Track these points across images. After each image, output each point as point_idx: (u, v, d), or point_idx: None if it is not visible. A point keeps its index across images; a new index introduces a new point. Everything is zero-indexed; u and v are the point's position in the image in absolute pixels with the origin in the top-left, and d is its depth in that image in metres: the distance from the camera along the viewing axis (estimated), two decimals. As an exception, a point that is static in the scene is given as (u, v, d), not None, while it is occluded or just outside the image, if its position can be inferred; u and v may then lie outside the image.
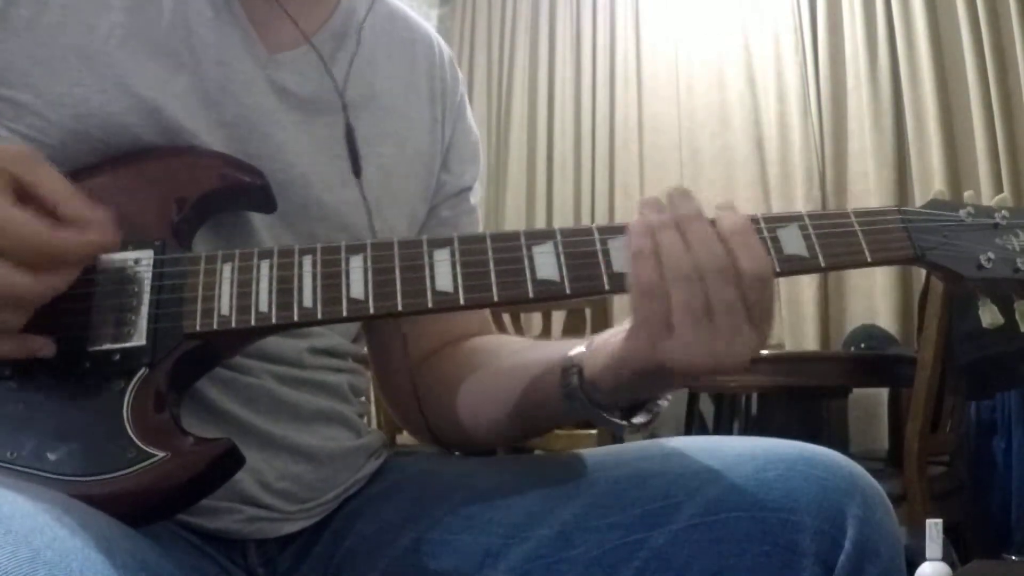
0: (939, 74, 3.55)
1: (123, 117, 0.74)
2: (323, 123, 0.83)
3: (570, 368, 0.73)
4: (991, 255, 0.71)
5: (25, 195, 0.63)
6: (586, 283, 0.68)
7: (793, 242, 0.70)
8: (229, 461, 0.65)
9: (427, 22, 1.00)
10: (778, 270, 0.69)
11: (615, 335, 0.69)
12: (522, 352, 0.84)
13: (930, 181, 3.52)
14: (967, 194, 0.77)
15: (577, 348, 0.74)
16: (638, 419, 0.73)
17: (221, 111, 0.78)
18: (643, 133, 4.34)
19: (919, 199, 3.48)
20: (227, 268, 0.68)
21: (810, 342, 3.69)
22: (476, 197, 0.98)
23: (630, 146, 4.36)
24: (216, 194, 0.75)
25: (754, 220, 0.70)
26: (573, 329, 2.79)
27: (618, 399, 0.72)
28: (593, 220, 4.38)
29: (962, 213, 0.73)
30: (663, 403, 0.73)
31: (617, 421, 0.72)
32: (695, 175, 4.15)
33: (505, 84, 4.75)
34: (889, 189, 3.63)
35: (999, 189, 3.27)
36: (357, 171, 0.83)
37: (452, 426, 0.87)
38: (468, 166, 0.97)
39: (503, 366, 0.84)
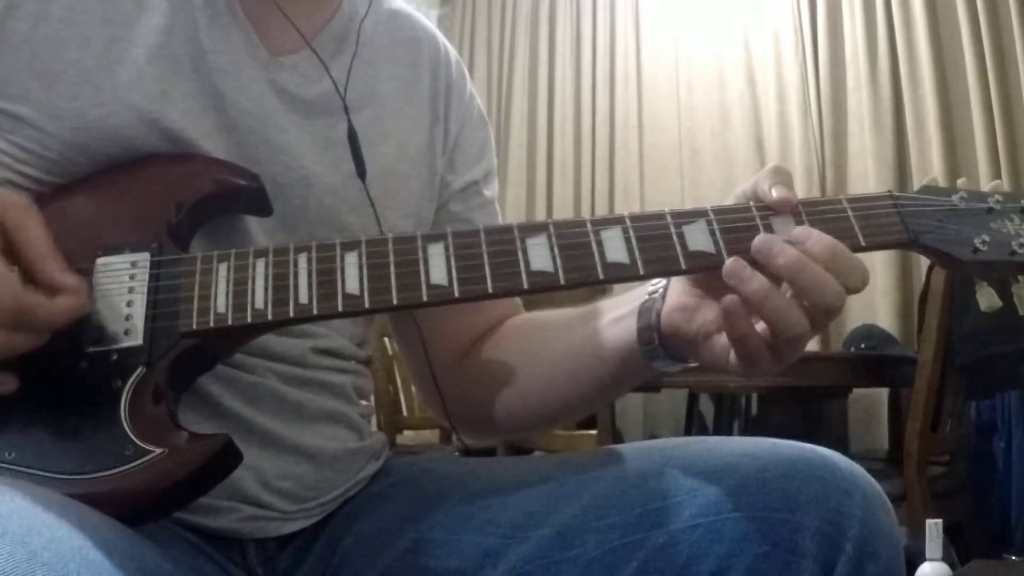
0: (939, 74, 3.54)
1: (123, 130, 0.74)
2: (324, 125, 0.83)
3: (649, 335, 0.75)
4: (986, 238, 0.70)
5: (7, 248, 0.62)
6: (581, 273, 0.68)
7: (786, 230, 0.70)
8: (227, 456, 0.65)
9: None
10: None
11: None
12: (578, 323, 0.83)
13: (930, 181, 3.52)
14: (960, 180, 0.76)
15: (643, 317, 0.75)
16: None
17: (222, 115, 0.78)
18: (643, 133, 4.33)
19: (919, 199, 3.50)
20: (223, 267, 0.68)
21: (810, 342, 3.68)
22: (491, 190, 0.97)
23: (630, 146, 4.36)
24: (212, 198, 0.75)
25: (746, 209, 0.71)
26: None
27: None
28: (593, 219, 4.37)
29: (955, 198, 0.73)
30: None
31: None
32: (695, 175, 4.14)
33: (505, 84, 4.74)
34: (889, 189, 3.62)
35: (999, 189, 3.27)
36: (362, 173, 0.82)
37: (499, 413, 0.87)
38: (475, 163, 0.96)
39: (562, 343, 0.84)
